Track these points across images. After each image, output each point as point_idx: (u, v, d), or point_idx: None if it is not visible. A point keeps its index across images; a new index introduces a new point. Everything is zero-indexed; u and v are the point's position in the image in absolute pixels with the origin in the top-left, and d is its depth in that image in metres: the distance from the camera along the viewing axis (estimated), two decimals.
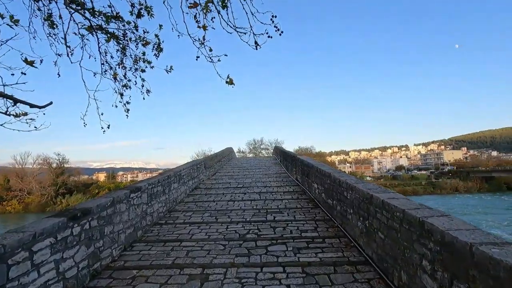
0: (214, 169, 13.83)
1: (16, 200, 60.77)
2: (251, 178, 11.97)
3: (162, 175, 7.55)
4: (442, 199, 62.54)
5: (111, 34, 6.20)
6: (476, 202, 54.79)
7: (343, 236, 5.34)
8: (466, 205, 51.17)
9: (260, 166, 16.23)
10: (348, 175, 6.06)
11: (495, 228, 31.41)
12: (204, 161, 12.07)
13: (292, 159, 12.21)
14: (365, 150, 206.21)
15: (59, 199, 61.74)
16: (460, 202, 56.30)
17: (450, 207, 48.69)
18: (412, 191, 73.82)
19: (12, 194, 61.07)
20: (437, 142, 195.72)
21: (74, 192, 63.85)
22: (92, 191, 66.17)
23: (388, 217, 3.76)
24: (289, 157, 13.39)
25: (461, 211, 44.91)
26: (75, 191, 64.11)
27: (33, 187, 62.23)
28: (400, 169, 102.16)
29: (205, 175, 11.94)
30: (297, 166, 10.93)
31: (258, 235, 5.57)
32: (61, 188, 63.51)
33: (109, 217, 4.68)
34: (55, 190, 62.83)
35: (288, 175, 12.62)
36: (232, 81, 5.82)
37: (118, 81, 6.82)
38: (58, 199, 61.81)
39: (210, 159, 13.39)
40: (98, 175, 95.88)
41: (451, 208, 48.76)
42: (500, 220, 36.73)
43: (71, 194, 62.69)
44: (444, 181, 76.96)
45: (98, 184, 69.27)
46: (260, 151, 54.35)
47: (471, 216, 38.99)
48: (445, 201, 59.22)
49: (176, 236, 5.70)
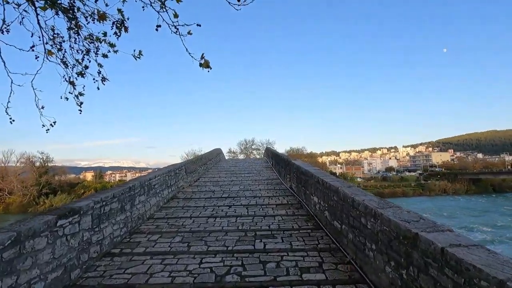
0: (198, 174, 12.11)
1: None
2: (239, 186, 10.30)
3: (122, 187, 5.82)
4: (431, 201, 62.22)
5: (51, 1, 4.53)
6: (473, 204, 53.94)
7: (362, 282, 3.74)
8: (467, 208, 50.13)
9: (250, 170, 14.59)
10: (365, 193, 4.46)
11: None
12: (186, 165, 10.36)
13: (286, 164, 10.62)
14: (355, 151, 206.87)
15: (42, 200, 58.83)
16: (453, 203, 55.70)
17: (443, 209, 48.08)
18: (402, 193, 73.79)
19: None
20: (425, 144, 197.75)
21: (59, 192, 60.94)
22: (77, 191, 63.37)
23: (458, 283, 2.17)
24: (282, 161, 11.81)
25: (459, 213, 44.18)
26: (59, 191, 61.19)
27: (14, 186, 59.05)
28: (390, 170, 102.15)
29: (186, 181, 10.24)
30: (292, 172, 9.32)
31: (241, 277, 3.93)
32: (45, 188, 60.52)
33: (9, 264, 2.96)
34: (38, 190, 59.81)
35: (281, 181, 11.03)
36: (207, 63, 4.27)
37: (70, 67, 5.15)
38: (41, 200, 58.91)
39: (193, 162, 11.68)
40: (86, 174, 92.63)
41: (442, 209, 48.19)
42: None
43: (55, 194, 59.81)
44: (433, 183, 77.34)
45: (84, 184, 66.38)
46: (252, 151, 52.81)
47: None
48: (434, 202, 58.72)
49: (126, 279, 3.99)
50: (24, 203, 57.79)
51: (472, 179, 76.27)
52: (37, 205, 58.20)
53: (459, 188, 74.49)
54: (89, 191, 62.43)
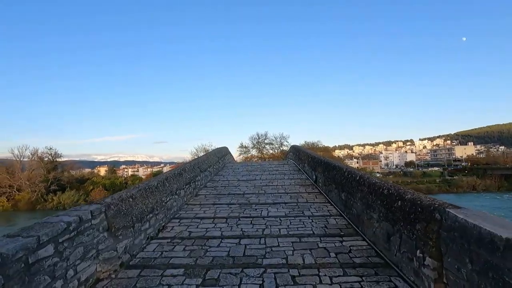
0: (170, 211, 5.67)
1: (5, 197, 53.87)
2: (259, 269, 3.61)
3: None
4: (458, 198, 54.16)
5: None
6: None
7: None
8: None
9: (274, 188, 8.15)
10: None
11: None
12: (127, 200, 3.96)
13: (376, 194, 3.97)
14: (369, 145, 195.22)
15: (50, 196, 54.80)
16: (490, 202, 47.38)
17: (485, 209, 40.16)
18: (426, 189, 65.81)
19: (1, 190, 54.03)
20: (443, 137, 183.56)
21: (67, 188, 56.63)
22: (87, 187, 58.97)
23: None
24: (348, 180, 5.24)
25: None
26: (67, 188, 56.88)
27: (22, 183, 55.13)
28: (409, 165, 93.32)
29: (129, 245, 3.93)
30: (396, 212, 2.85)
31: None
32: (53, 185, 56.33)
33: None
34: (46, 187, 55.70)
35: (355, 229, 4.63)
36: None
37: None
38: (49, 197, 54.85)
39: (156, 188, 5.26)
40: (99, 169, 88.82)
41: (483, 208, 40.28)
42: None
43: (64, 191, 55.53)
44: (460, 179, 68.94)
45: (93, 180, 61.72)
46: (264, 146, 46.20)
47: None
48: (469, 200, 50.44)
49: None
50: (33, 200, 53.91)
51: (503, 175, 67.10)
52: (46, 202, 54.32)
53: (490, 184, 65.90)
54: (97, 187, 58.04)
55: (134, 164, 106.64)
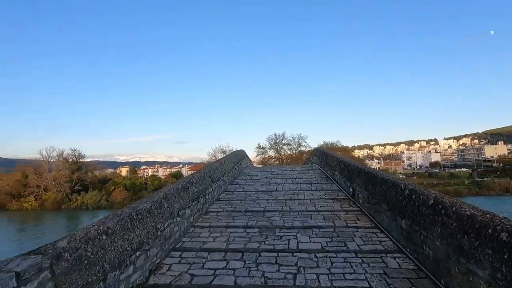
0: (170, 241, 4.32)
1: (33, 197, 55.67)
2: None
3: None
4: (491, 201, 49.71)
5: None
6: None
7: None
8: None
9: (301, 203, 6.57)
10: None
11: None
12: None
13: (483, 238, 2.48)
14: (390, 145, 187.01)
15: (74, 196, 56.04)
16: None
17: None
18: (454, 192, 61.43)
19: (29, 190, 55.87)
20: (470, 136, 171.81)
21: (90, 189, 57.73)
22: (108, 187, 59.79)
23: None
24: (412, 203, 3.67)
25: None
26: (90, 188, 57.98)
27: (49, 183, 56.74)
28: (435, 165, 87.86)
29: None
30: None
31: None
32: (77, 185, 57.58)
33: None
34: (71, 187, 57.04)
35: (432, 280, 3.00)
36: None
37: None
38: (74, 196, 56.11)
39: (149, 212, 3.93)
40: (121, 169, 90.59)
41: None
42: None
43: (87, 191, 56.62)
44: (492, 180, 63.91)
45: (115, 180, 62.52)
46: (282, 146, 44.39)
47: None
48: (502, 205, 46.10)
49: None
50: (58, 200, 55.32)
51: None
52: (70, 202, 55.55)
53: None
54: (118, 187, 58.67)
55: (154, 165, 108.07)
